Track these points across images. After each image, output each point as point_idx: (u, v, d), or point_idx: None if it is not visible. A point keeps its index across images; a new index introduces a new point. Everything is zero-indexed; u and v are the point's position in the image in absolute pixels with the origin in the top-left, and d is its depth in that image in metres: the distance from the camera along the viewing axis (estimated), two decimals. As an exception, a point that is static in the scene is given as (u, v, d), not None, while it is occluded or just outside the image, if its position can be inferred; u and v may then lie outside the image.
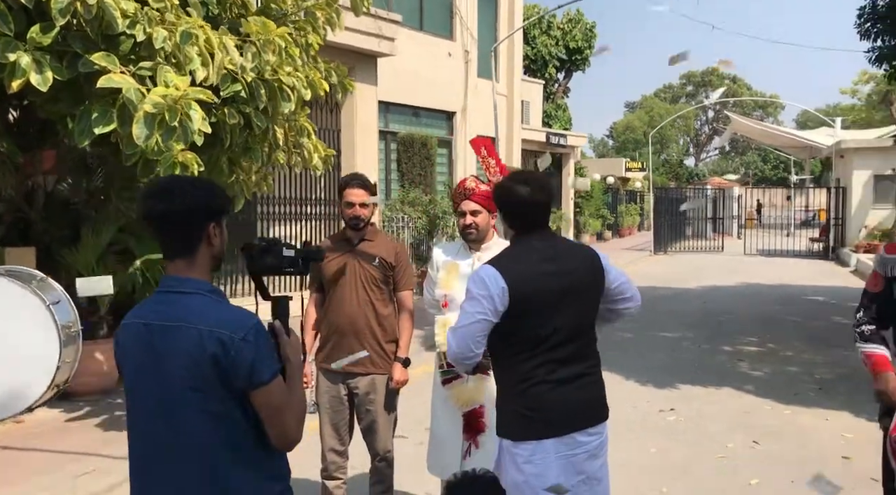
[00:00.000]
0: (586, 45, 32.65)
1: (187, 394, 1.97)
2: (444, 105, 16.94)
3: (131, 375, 2.08)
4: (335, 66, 7.01)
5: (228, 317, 1.99)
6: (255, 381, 1.96)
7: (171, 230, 2.05)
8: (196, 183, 2.11)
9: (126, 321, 2.12)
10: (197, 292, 2.03)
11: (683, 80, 77.87)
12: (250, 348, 1.95)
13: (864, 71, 45.78)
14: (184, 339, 1.96)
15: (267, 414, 2.00)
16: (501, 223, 2.97)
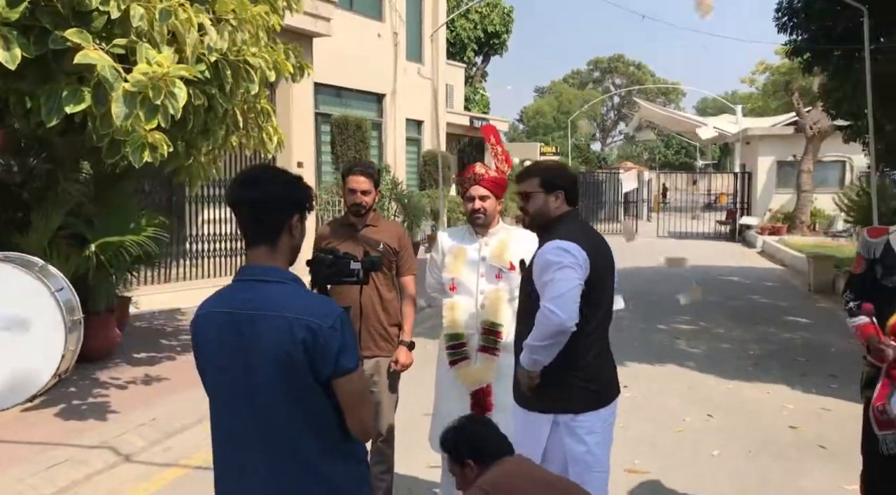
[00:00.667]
0: (504, 29, 33.05)
1: (274, 382, 1.99)
2: (374, 87, 16.87)
3: (213, 363, 2.09)
4: (293, 48, 6.92)
5: (316, 305, 2.02)
6: (341, 369, 2.00)
7: (258, 217, 2.08)
8: (284, 175, 2.15)
9: (205, 310, 2.13)
10: (281, 281, 2.06)
11: (591, 66, 79.81)
12: (337, 336, 1.99)
13: (761, 61, 47.99)
14: (272, 327, 1.98)
15: (348, 402, 2.03)
16: (548, 203, 3.14)
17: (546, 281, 2.92)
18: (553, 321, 2.84)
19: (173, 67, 4.49)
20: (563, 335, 2.85)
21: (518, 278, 3.76)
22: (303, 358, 1.96)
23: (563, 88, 76.05)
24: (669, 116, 42.07)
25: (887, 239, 3.47)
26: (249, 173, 2.14)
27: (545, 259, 2.97)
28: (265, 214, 2.07)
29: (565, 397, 3.00)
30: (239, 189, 2.09)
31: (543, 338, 2.89)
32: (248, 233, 2.10)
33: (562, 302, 2.82)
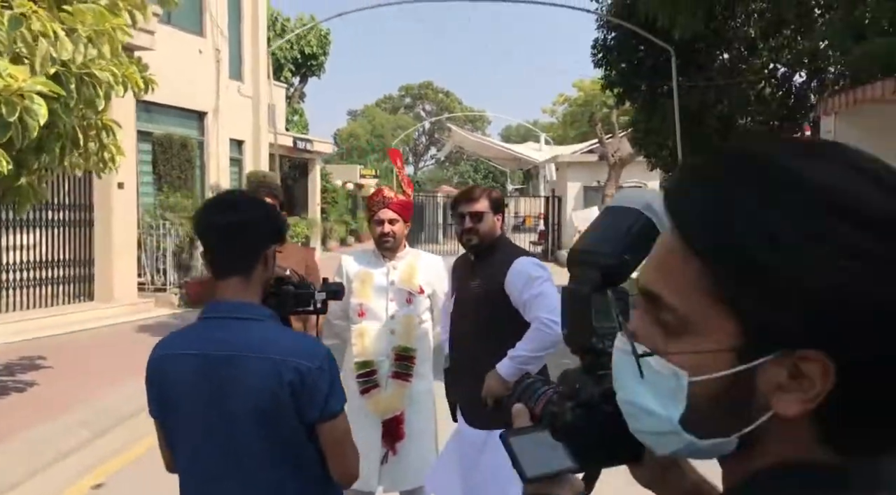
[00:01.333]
0: (321, 51, 32.92)
1: (257, 428, 1.84)
2: (196, 105, 16.11)
3: (183, 409, 1.89)
4: (136, 61, 6.47)
5: (301, 345, 1.89)
6: (328, 412, 1.88)
7: (231, 244, 1.91)
8: (260, 201, 2.01)
9: (168, 351, 1.93)
10: (258, 318, 1.91)
11: (402, 92, 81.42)
12: (325, 377, 1.87)
13: (561, 94, 51.50)
14: (256, 370, 1.83)
15: (333, 445, 1.92)
16: (495, 224, 3.34)
17: (535, 294, 3.03)
18: (555, 331, 2.93)
19: (30, 81, 4.03)
20: (556, 346, 2.94)
21: (427, 302, 3.76)
22: (289, 401, 1.82)
23: (375, 112, 76.90)
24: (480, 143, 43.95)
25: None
26: (224, 197, 1.99)
27: (527, 274, 3.08)
28: (242, 241, 1.91)
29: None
30: (213, 213, 1.92)
31: (541, 349, 3.01)
32: (219, 263, 1.93)
33: (557, 314, 2.87)
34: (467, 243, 3.33)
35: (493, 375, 3.10)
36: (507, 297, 3.14)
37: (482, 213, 3.26)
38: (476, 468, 3.18)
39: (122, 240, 11.70)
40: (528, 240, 28.40)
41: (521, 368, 3.01)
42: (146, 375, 1.97)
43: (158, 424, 1.98)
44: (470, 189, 3.42)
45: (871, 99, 6.47)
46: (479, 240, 3.27)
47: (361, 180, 37.29)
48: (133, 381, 7.73)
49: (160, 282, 12.67)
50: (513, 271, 3.12)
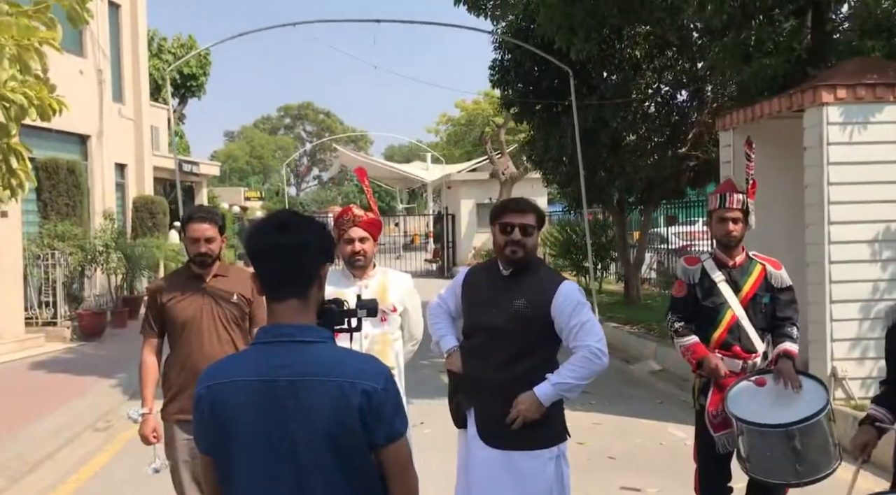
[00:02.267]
0: (201, 71, 32.01)
1: (328, 453, 1.79)
2: (77, 128, 15.25)
3: (245, 440, 1.81)
4: (45, 81, 6.10)
5: (366, 367, 1.86)
6: (394, 434, 1.85)
7: (291, 266, 1.86)
8: (312, 220, 1.96)
9: (225, 378, 1.84)
10: (321, 340, 1.86)
11: (281, 113, 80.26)
12: (391, 398, 1.85)
13: (444, 113, 52.23)
14: (324, 394, 1.78)
15: (396, 470, 1.87)
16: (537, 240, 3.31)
17: (584, 320, 3.01)
18: (603, 363, 2.97)
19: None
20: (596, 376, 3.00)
21: (399, 320, 3.74)
22: (359, 426, 1.78)
23: (254, 133, 75.39)
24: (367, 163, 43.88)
25: (702, 265, 4.06)
26: (278, 217, 1.92)
27: (576, 299, 3.04)
28: (299, 262, 1.86)
29: (562, 427, 3.14)
30: (270, 234, 1.86)
31: (587, 377, 2.99)
32: (276, 285, 1.87)
33: (605, 344, 2.95)
34: (512, 255, 3.13)
35: (530, 398, 3.03)
36: (551, 320, 3.09)
37: (531, 228, 3.14)
38: (500, 488, 3.08)
39: (6, 272, 10.90)
40: (423, 258, 28.58)
41: (562, 395, 3.01)
42: (194, 406, 1.87)
43: (207, 460, 1.88)
44: (519, 199, 3.29)
45: (767, 114, 6.98)
46: (524, 254, 3.13)
47: (246, 202, 36.45)
48: (41, 423, 7.24)
49: (49, 315, 11.87)
50: (561, 294, 3.08)
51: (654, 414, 7.46)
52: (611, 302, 14.51)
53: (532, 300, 3.10)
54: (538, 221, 3.18)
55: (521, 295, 3.12)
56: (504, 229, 3.15)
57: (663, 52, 13.07)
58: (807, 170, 6.49)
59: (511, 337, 3.09)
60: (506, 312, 3.11)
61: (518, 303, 3.10)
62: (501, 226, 3.17)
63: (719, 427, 3.87)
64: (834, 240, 6.22)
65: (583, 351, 3.02)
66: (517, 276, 3.18)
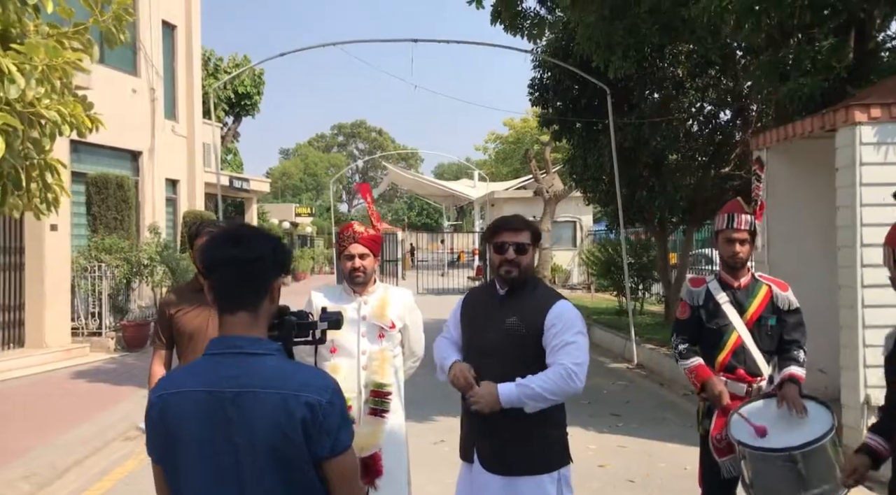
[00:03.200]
0: (255, 90, 32.75)
1: (270, 465, 1.81)
2: (130, 144, 15.80)
3: (191, 451, 1.84)
4: (82, 99, 6.35)
5: (311, 380, 1.87)
6: (339, 448, 1.86)
7: (241, 279, 1.90)
8: (263, 233, 1.99)
9: (173, 389, 1.88)
10: (269, 353, 1.89)
11: (335, 131, 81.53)
12: (336, 412, 1.86)
13: (492, 132, 52.38)
14: (267, 406, 1.80)
15: (341, 483, 1.88)
16: (533, 258, 3.26)
17: (570, 341, 2.98)
18: (576, 386, 2.93)
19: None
20: (564, 399, 2.99)
21: (398, 336, 3.76)
22: (301, 439, 1.80)
23: (308, 151, 76.73)
24: (415, 180, 44.22)
25: (707, 287, 3.99)
26: (231, 231, 1.95)
27: (570, 319, 3.03)
28: (251, 276, 1.90)
29: (564, 452, 3.11)
30: (223, 247, 1.90)
31: (556, 394, 2.93)
32: (227, 298, 1.91)
33: (583, 370, 2.94)
34: (506, 275, 3.12)
35: (489, 391, 2.94)
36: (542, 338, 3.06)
37: (526, 246, 3.11)
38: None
39: (55, 283, 11.30)
40: (466, 275, 28.60)
41: (523, 402, 2.91)
42: (146, 416, 1.92)
43: (158, 470, 1.93)
44: (512, 218, 3.23)
45: (800, 134, 6.83)
46: (518, 273, 3.10)
47: (297, 219, 37.05)
48: (74, 430, 7.46)
49: (94, 326, 12.24)
50: (555, 311, 3.04)
51: (683, 439, 7.28)
52: (651, 323, 14.29)
53: (525, 318, 3.07)
54: (533, 239, 3.15)
55: (514, 312, 3.09)
56: (498, 248, 3.13)
57: (706, 70, 12.89)
58: (839, 192, 6.32)
59: (505, 356, 3.05)
60: (499, 331, 3.09)
61: (511, 322, 3.07)
62: (496, 246, 3.15)
63: (723, 451, 3.78)
64: (867, 263, 6.02)
65: (558, 367, 2.96)
66: (512, 295, 3.15)
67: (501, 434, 3.02)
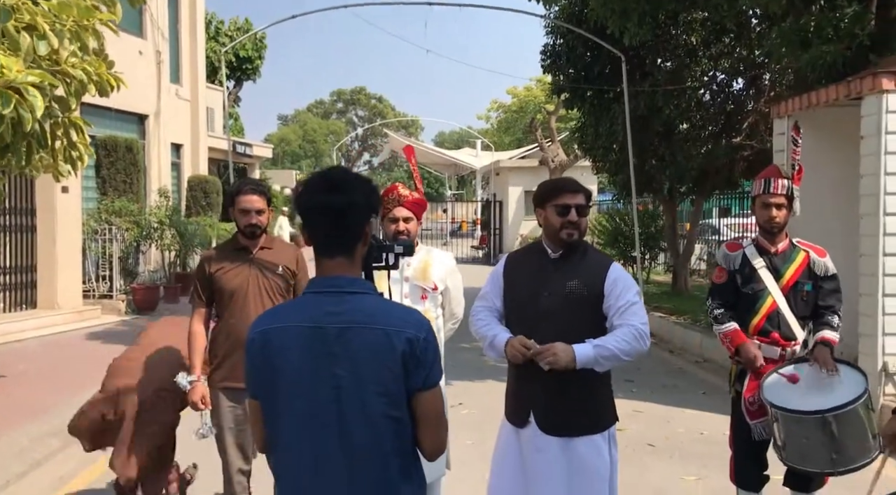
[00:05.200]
0: (256, 55, 32.42)
1: (373, 399, 1.89)
2: (137, 107, 15.68)
3: (294, 381, 1.91)
4: (104, 58, 6.30)
5: (409, 317, 1.96)
6: (430, 382, 1.95)
7: (337, 225, 1.94)
8: (357, 177, 2.02)
9: (274, 325, 1.95)
10: (367, 292, 1.97)
11: (334, 97, 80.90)
12: (431, 348, 1.95)
13: (495, 100, 52.06)
14: (371, 341, 1.89)
15: (430, 417, 1.97)
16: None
17: (633, 301, 3.00)
18: (646, 346, 2.97)
19: (24, 72, 3.90)
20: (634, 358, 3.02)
21: (440, 298, 3.78)
22: (401, 371, 1.89)
23: (307, 117, 76.22)
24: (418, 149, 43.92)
25: (743, 252, 4.01)
26: (330, 176, 1.99)
27: (627, 280, 3.06)
28: (349, 222, 1.95)
29: (613, 411, 3.17)
30: (320, 193, 1.94)
31: (629, 354, 2.95)
32: (325, 242, 1.97)
33: (648, 330, 3.01)
34: (568, 237, 3.06)
35: (566, 351, 2.91)
36: (602, 301, 3.05)
37: (585, 207, 3.08)
38: (560, 473, 3.04)
39: (66, 245, 11.31)
40: (470, 244, 28.63)
41: (598, 361, 2.92)
42: (246, 350, 1.98)
43: (255, 405, 1.99)
44: (567, 180, 3.18)
45: (824, 102, 6.80)
46: (579, 235, 3.08)
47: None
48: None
49: (105, 288, 12.27)
50: (613, 272, 3.06)
51: (697, 404, 7.38)
52: (658, 292, 14.35)
53: (586, 280, 3.05)
54: (587, 201, 3.13)
55: (574, 276, 3.06)
56: (560, 211, 3.08)
57: (720, 38, 12.79)
58: (863, 160, 6.31)
59: (565, 319, 3.03)
60: (559, 294, 3.06)
61: (571, 285, 3.05)
62: (558, 208, 3.08)
63: (755, 414, 3.83)
64: (889, 231, 6.05)
65: (629, 328, 2.96)
66: (566, 258, 3.12)
67: (562, 398, 3.03)
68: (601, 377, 3.09)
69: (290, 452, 1.94)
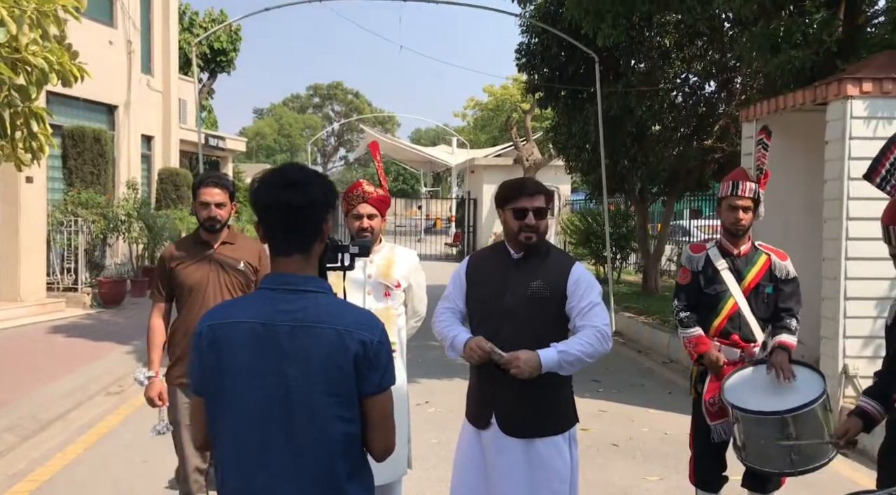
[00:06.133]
0: (231, 47, 32.11)
1: (322, 399, 1.86)
2: (106, 98, 15.44)
3: (242, 380, 1.87)
4: (67, 48, 6.17)
5: (362, 318, 1.93)
6: (384, 385, 1.93)
7: (297, 223, 1.91)
8: (318, 175, 1.99)
9: (227, 319, 1.91)
10: (322, 291, 1.93)
11: (310, 91, 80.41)
12: (384, 351, 1.93)
13: (471, 98, 52.06)
14: (322, 341, 1.85)
15: (379, 420, 1.95)
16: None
17: (595, 302, 2.99)
18: (608, 347, 2.96)
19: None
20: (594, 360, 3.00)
21: (402, 296, 3.75)
22: (352, 372, 1.86)
23: (282, 111, 75.68)
24: (392, 145, 43.82)
25: (707, 253, 4.03)
26: (285, 173, 1.94)
27: (590, 280, 3.04)
28: (305, 220, 1.91)
29: (574, 412, 3.16)
30: (277, 191, 1.89)
31: (594, 357, 2.95)
32: (280, 240, 1.93)
33: (610, 330, 2.99)
34: (527, 240, 3.04)
35: (531, 358, 2.89)
36: (566, 300, 3.04)
37: (544, 210, 3.05)
38: (521, 474, 3.03)
39: (30, 236, 11.10)
40: (444, 241, 28.61)
41: (562, 366, 2.91)
42: (192, 345, 1.94)
43: (198, 402, 1.95)
44: (526, 181, 3.15)
45: (791, 106, 6.87)
46: (538, 238, 3.05)
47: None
48: (55, 384, 7.39)
49: (70, 281, 12.07)
50: (576, 272, 3.05)
51: (662, 405, 7.43)
52: (628, 292, 14.44)
53: (548, 281, 3.04)
54: (547, 202, 3.10)
55: (537, 276, 3.05)
56: (517, 214, 3.05)
57: (693, 41, 12.88)
58: (827, 165, 6.39)
59: (524, 319, 3.02)
60: (521, 295, 3.04)
61: (534, 285, 3.03)
62: (514, 211, 3.06)
63: (715, 415, 3.86)
64: (852, 236, 6.12)
65: (592, 330, 2.96)
66: (528, 259, 3.10)
67: (524, 400, 3.01)
68: (563, 379, 3.08)
69: (234, 446, 1.90)
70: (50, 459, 5.46)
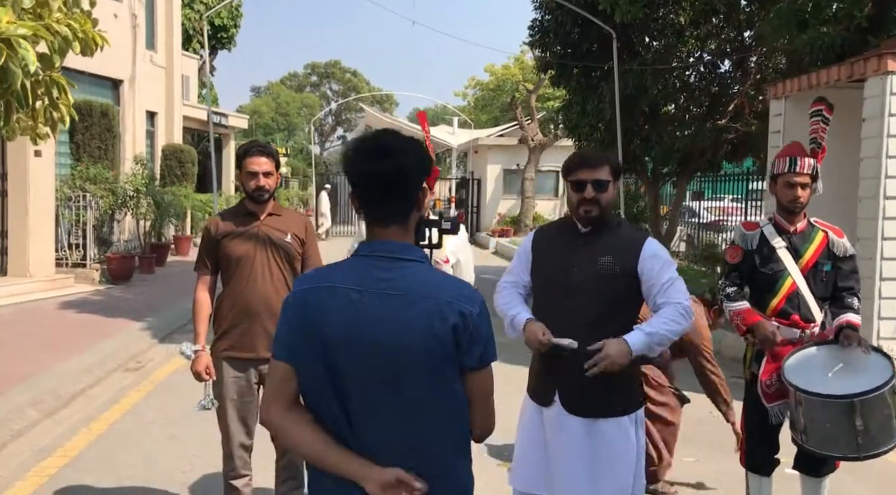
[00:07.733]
0: (232, 23, 31.77)
1: (422, 370, 1.76)
2: (111, 72, 15.21)
3: (339, 347, 1.76)
4: (88, 14, 6.00)
5: (462, 290, 1.83)
6: (486, 360, 1.83)
7: (390, 193, 1.81)
8: (409, 141, 1.87)
9: (318, 284, 1.81)
10: (419, 260, 1.83)
11: (308, 70, 79.75)
12: (486, 324, 1.82)
13: (472, 77, 51.67)
14: (421, 310, 1.75)
15: (482, 395, 1.86)
16: (614, 193, 3.10)
17: (674, 278, 2.91)
18: (691, 323, 2.87)
19: (14, 24, 3.65)
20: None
21: (451, 271, 3.65)
22: (451, 344, 1.76)
23: (280, 90, 75.16)
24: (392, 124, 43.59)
25: (761, 231, 3.91)
26: (378, 141, 1.84)
27: (664, 256, 2.94)
28: (400, 189, 1.81)
29: (640, 393, 3.08)
30: (370, 159, 1.80)
31: (677, 334, 2.85)
32: (377, 210, 1.84)
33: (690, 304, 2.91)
34: (586, 214, 2.94)
35: (619, 346, 2.80)
36: (637, 278, 2.93)
37: (606, 182, 2.92)
38: (585, 455, 2.94)
39: (39, 211, 10.94)
40: (445, 221, 28.52)
41: (651, 348, 2.84)
42: (282, 311, 1.84)
43: (286, 368, 1.82)
44: (589, 152, 3.08)
45: (825, 83, 6.75)
46: (599, 212, 2.93)
47: (272, 158, 36.34)
48: (73, 359, 7.27)
49: (79, 256, 11.93)
50: (649, 249, 2.93)
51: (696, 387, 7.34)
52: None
53: (618, 257, 2.93)
54: (613, 174, 2.97)
55: (606, 252, 2.93)
56: (576, 187, 2.95)
57: (709, 19, 12.69)
58: (864, 142, 6.28)
59: (592, 295, 2.91)
60: (589, 271, 2.93)
61: (603, 261, 2.93)
62: (573, 184, 2.96)
63: (773, 397, 3.75)
64: (889, 215, 6.03)
65: (674, 306, 2.86)
66: (597, 234, 2.98)
67: (588, 379, 2.88)
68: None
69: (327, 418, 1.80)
70: (76, 434, 5.37)
